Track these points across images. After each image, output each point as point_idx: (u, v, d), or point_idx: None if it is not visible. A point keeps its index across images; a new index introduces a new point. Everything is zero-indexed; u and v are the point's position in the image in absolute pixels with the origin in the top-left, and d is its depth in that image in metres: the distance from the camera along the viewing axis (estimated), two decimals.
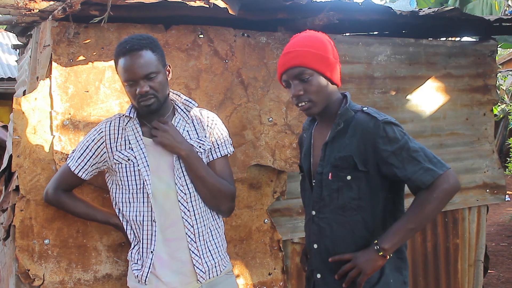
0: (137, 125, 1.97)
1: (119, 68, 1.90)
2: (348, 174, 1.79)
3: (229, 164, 2.11)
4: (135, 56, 1.85)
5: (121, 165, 1.95)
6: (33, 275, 2.19)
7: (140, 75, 1.85)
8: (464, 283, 3.41)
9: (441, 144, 3.23)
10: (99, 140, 1.98)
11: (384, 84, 3.03)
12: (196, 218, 1.96)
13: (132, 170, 1.94)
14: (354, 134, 1.79)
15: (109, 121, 2.00)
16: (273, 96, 2.65)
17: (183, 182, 1.95)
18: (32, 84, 2.34)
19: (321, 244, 1.88)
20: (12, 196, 2.25)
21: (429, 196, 1.71)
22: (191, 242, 1.96)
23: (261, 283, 2.66)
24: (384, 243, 1.72)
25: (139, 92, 1.86)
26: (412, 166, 1.71)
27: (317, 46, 1.81)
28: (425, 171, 1.70)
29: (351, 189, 1.80)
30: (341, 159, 1.80)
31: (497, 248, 5.98)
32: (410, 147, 1.73)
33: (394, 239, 1.73)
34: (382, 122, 1.76)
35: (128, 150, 1.95)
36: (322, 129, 1.93)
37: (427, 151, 1.75)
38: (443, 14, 2.80)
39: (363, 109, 1.83)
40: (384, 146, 1.74)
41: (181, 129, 1.99)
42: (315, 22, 2.50)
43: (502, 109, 10.24)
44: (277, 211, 2.75)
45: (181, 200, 1.94)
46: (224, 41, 2.56)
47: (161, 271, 1.94)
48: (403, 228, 1.74)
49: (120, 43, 1.92)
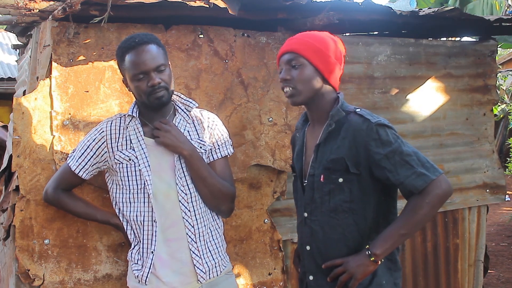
0: (138, 125, 1.97)
1: (128, 63, 1.88)
2: (340, 177, 1.77)
3: (229, 165, 2.11)
4: (145, 49, 1.85)
5: (122, 165, 1.95)
6: (33, 275, 2.19)
7: (152, 67, 1.85)
8: (464, 283, 3.41)
9: (441, 144, 3.23)
10: (100, 139, 1.98)
11: (384, 84, 3.03)
12: (197, 218, 1.96)
13: (133, 170, 1.94)
14: (346, 136, 1.77)
15: (110, 121, 2.00)
16: (273, 96, 2.65)
17: (184, 182, 1.95)
18: (32, 84, 2.34)
19: (313, 246, 1.86)
20: (12, 196, 2.25)
21: (422, 202, 1.69)
22: (192, 242, 1.96)
23: (261, 283, 2.66)
24: (375, 249, 1.71)
25: (151, 84, 1.85)
26: (404, 170, 1.69)
27: (318, 40, 1.81)
28: (418, 176, 1.68)
29: (342, 192, 1.78)
30: (333, 161, 1.78)
31: (497, 248, 5.98)
32: (403, 151, 1.70)
33: (386, 245, 1.71)
34: (375, 124, 1.73)
35: (129, 150, 1.95)
36: (315, 129, 1.91)
37: (420, 155, 1.73)
38: (443, 14, 2.80)
39: (356, 110, 1.81)
40: (376, 149, 1.71)
41: (182, 129, 1.99)
42: (315, 22, 2.50)
43: (502, 109, 10.24)
44: (277, 211, 2.75)
45: (182, 201, 1.94)
46: (224, 41, 2.56)
47: (162, 271, 1.94)
48: (395, 234, 1.72)
49: (125, 40, 1.92)
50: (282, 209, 2.75)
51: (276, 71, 2.66)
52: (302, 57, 1.79)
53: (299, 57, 1.79)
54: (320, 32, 1.87)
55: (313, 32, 1.88)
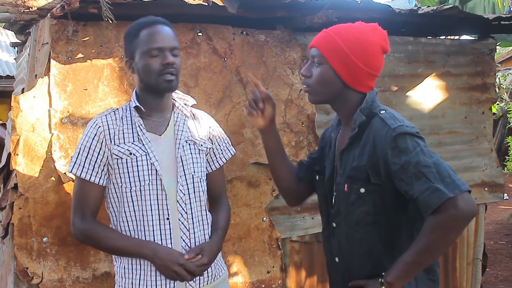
0: (139, 118, 1.80)
1: (144, 36, 1.74)
2: (361, 187, 1.58)
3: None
4: (163, 29, 1.77)
5: (121, 160, 1.76)
6: (32, 273, 2.19)
7: (169, 46, 1.75)
8: (463, 281, 3.41)
9: (439, 142, 3.23)
10: (98, 135, 1.78)
11: (383, 82, 3.03)
12: (193, 221, 1.83)
13: (136, 165, 1.76)
14: (367, 142, 1.58)
15: (104, 115, 1.83)
16: (272, 94, 2.64)
17: (184, 182, 1.82)
18: (31, 82, 2.34)
19: (340, 259, 1.70)
20: (11, 194, 2.25)
21: (433, 224, 1.45)
22: (186, 247, 1.80)
23: (260, 281, 2.66)
24: (389, 277, 1.52)
25: (165, 62, 1.72)
26: (420, 184, 1.45)
27: (347, 40, 1.58)
28: (432, 192, 1.43)
29: (365, 203, 1.58)
30: (355, 170, 1.59)
31: (496, 247, 5.98)
32: (421, 161, 1.46)
33: (400, 273, 1.51)
34: (395, 130, 1.52)
35: (129, 144, 1.78)
36: (344, 132, 1.71)
37: (442, 167, 1.46)
38: (442, 13, 2.80)
39: (380, 112, 1.60)
40: (393, 158, 1.50)
41: (181, 124, 1.87)
42: (314, 20, 2.50)
43: (501, 108, 10.24)
44: (275, 209, 2.75)
45: (180, 201, 1.81)
46: (223, 39, 2.56)
47: (152, 278, 1.77)
48: (409, 261, 1.50)
49: (142, 18, 1.80)
50: (280, 207, 2.76)
51: (275, 70, 2.67)
52: (323, 56, 1.61)
53: (320, 55, 1.61)
54: (362, 29, 1.62)
55: (352, 27, 1.63)
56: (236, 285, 2.62)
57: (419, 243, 1.49)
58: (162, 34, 1.75)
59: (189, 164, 1.85)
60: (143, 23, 1.77)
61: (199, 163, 1.89)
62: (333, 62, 1.59)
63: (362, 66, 1.59)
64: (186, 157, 1.85)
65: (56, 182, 2.23)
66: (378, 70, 1.64)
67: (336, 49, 1.58)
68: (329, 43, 1.59)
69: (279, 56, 2.68)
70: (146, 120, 1.83)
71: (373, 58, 1.61)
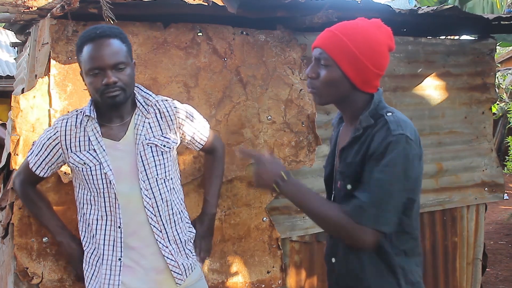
0: (96, 125, 1.81)
1: (85, 54, 1.72)
2: (349, 183, 1.58)
3: (214, 133, 2.14)
4: (105, 43, 1.71)
5: (78, 168, 1.81)
6: (32, 273, 2.19)
7: (109, 64, 1.70)
8: (463, 281, 3.41)
9: (439, 142, 3.23)
10: (54, 140, 1.84)
11: (383, 83, 3.03)
12: (164, 222, 1.85)
13: (89, 174, 1.79)
14: (365, 141, 1.55)
15: (66, 119, 1.85)
16: (272, 94, 2.65)
17: (148, 186, 1.82)
18: (31, 82, 2.34)
19: (336, 259, 1.70)
20: (11, 194, 2.25)
21: (344, 218, 1.51)
22: (163, 248, 1.85)
23: (260, 281, 2.66)
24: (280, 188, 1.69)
25: (105, 83, 1.69)
26: (362, 193, 1.49)
27: (355, 41, 1.53)
28: (361, 208, 1.48)
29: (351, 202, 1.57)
30: (348, 166, 1.59)
31: (496, 247, 5.99)
32: (382, 179, 1.46)
33: (290, 192, 1.67)
34: (393, 136, 1.49)
35: (85, 152, 1.81)
36: (346, 131, 1.68)
37: (389, 201, 1.48)
38: (442, 13, 2.80)
39: (386, 114, 1.56)
40: (377, 156, 1.49)
41: (141, 125, 1.84)
42: (314, 20, 2.50)
43: (501, 108, 10.24)
44: (275, 209, 2.75)
45: (147, 206, 1.82)
46: (223, 39, 2.56)
47: (128, 279, 1.84)
48: (303, 205, 1.62)
49: (87, 29, 1.76)
50: (281, 207, 2.76)
51: (275, 70, 2.67)
52: (330, 58, 1.54)
53: (328, 57, 1.55)
54: (368, 28, 1.56)
55: (358, 25, 1.56)
56: (236, 285, 2.62)
57: (320, 205, 1.57)
58: (103, 51, 1.71)
59: (151, 168, 1.83)
60: (86, 37, 1.74)
61: (162, 164, 1.87)
62: (342, 64, 1.54)
63: (371, 67, 1.55)
64: (147, 161, 1.83)
65: (56, 182, 2.23)
66: (385, 69, 1.61)
67: (346, 50, 1.53)
68: (337, 44, 1.54)
69: (279, 56, 2.68)
70: (104, 127, 1.83)
71: (381, 58, 1.57)
